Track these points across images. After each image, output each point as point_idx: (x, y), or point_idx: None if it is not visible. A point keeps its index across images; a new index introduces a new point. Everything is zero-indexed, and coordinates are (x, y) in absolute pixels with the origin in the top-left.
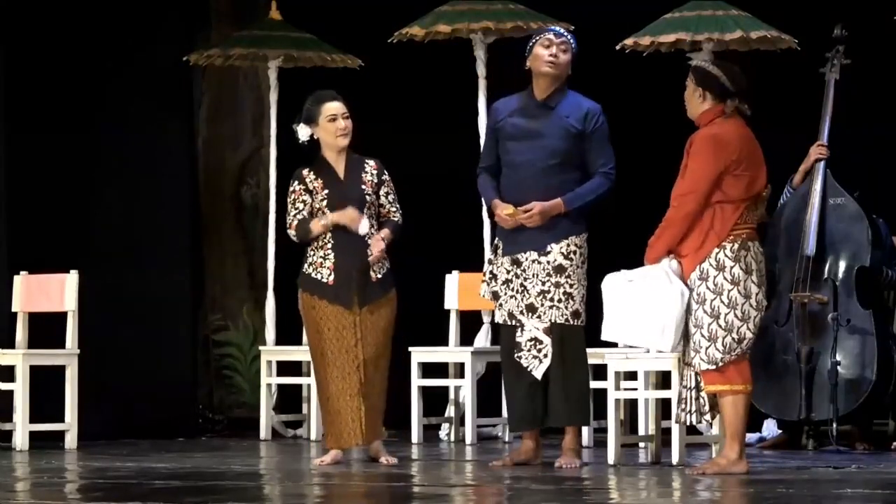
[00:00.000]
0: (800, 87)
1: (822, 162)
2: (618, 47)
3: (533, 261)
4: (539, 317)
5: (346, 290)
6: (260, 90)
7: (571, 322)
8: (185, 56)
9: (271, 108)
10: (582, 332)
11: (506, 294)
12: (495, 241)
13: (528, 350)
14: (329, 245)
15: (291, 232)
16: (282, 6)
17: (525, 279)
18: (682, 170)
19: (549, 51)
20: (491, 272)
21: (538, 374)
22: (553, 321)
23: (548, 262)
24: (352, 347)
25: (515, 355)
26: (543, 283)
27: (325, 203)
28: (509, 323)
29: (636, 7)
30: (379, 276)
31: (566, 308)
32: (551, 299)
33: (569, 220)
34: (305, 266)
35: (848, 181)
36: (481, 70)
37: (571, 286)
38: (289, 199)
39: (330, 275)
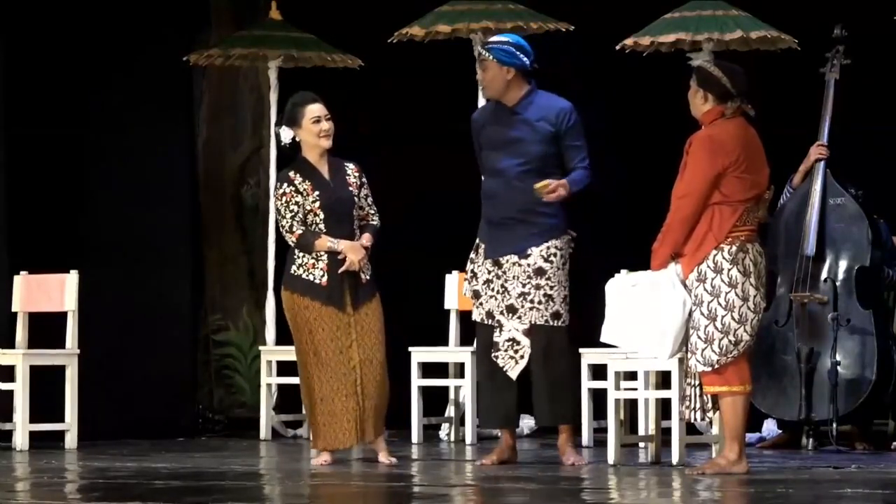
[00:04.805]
0: (800, 87)
1: (822, 162)
2: (618, 47)
3: (513, 263)
4: (519, 318)
5: (339, 291)
6: (260, 90)
7: (552, 323)
8: (185, 56)
9: (271, 108)
10: (564, 332)
11: (486, 294)
12: (476, 241)
13: (505, 350)
14: None
15: (292, 239)
16: (282, 6)
17: (506, 280)
18: (681, 170)
19: (478, 76)
20: (472, 271)
21: (513, 374)
22: (533, 322)
23: (528, 265)
24: (346, 349)
25: (492, 354)
26: (524, 286)
27: (316, 204)
28: (486, 322)
29: (636, 7)
30: (367, 277)
31: (546, 309)
32: (531, 301)
33: (550, 223)
34: (293, 268)
35: (849, 180)
36: None
37: (552, 288)
38: (279, 202)
39: (323, 276)
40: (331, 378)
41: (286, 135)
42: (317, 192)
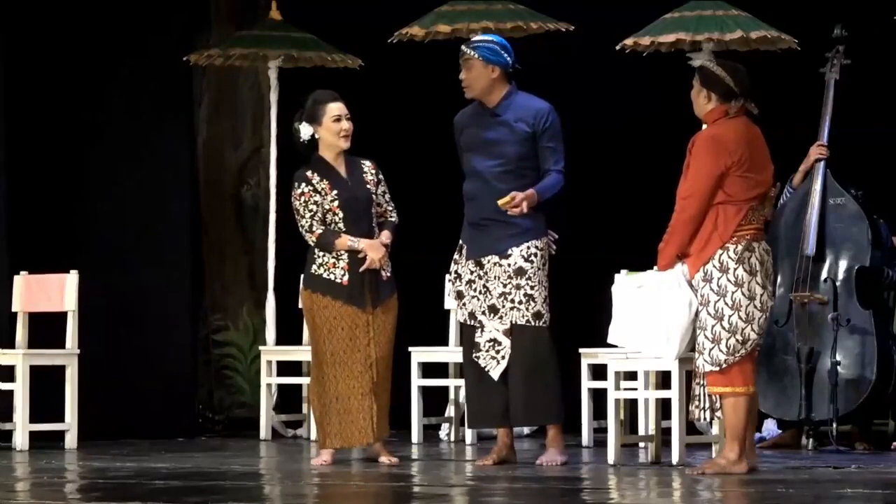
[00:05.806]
0: (800, 87)
1: (822, 162)
2: (618, 47)
3: (495, 264)
4: (500, 318)
5: (360, 290)
6: (260, 90)
7: (533, 323)
8: (185, 56)
9: (271, 108)
10: (545, 332)
11: (468, 294)
12: (459, 242)
13: (487, 351)
14: None
15: (312, 238)
16: (282, 6)
17: (487, 281)
18: (684, 170)
19: (461, 76)
20: (455, 272)
21: (495, 374)
22: (514, 322)
23: (508, 265)
24: (364, 347)
25: (473, 355)
26: (505, 286)
27: (335, 203)
28: (469, 323)
29: (636, 7)
30: (388, 274)
31: (527, 309)
32: (512, 301)
33: (529, 224)
34: (314, 267)
35: (849, 180)
36: None
37: (532, 288)
38: (298, 202)
39: (344, 275)
40: (347, 377)
41: (306, 131)
42: (335, 192)
